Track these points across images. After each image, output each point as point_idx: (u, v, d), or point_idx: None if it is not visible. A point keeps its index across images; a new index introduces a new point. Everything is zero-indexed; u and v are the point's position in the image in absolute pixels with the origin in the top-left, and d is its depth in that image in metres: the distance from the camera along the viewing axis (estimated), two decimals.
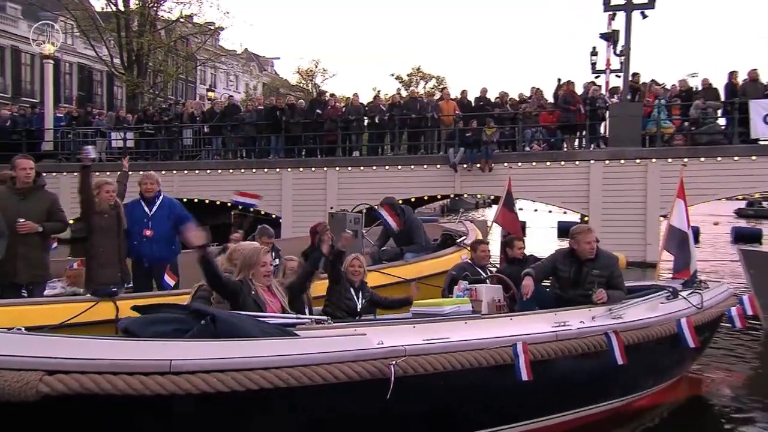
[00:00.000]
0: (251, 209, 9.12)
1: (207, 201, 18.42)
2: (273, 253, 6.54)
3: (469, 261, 6.67)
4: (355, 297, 5.68)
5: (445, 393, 4.15)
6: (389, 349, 3.99)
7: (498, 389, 4.36)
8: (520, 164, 16.79)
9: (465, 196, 20.39)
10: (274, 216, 17.94)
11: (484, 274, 6.44)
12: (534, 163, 16.88)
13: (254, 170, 18.04)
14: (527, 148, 17.81)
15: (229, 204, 18.55)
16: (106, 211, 5.87)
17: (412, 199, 17.83)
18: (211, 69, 46.81)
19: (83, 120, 19.68)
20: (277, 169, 17.93)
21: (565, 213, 17.82)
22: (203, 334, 3.49)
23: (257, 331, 3.67)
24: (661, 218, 15.05)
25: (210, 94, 29.09)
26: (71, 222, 6.17)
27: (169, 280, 5.80)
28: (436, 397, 4.12)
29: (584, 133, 17.15)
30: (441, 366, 4.07)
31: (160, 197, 6.48)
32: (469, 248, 7.20)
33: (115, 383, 3.09)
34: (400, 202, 17.21)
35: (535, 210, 16.96)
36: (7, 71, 36.59)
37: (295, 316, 3.98)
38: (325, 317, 4.03)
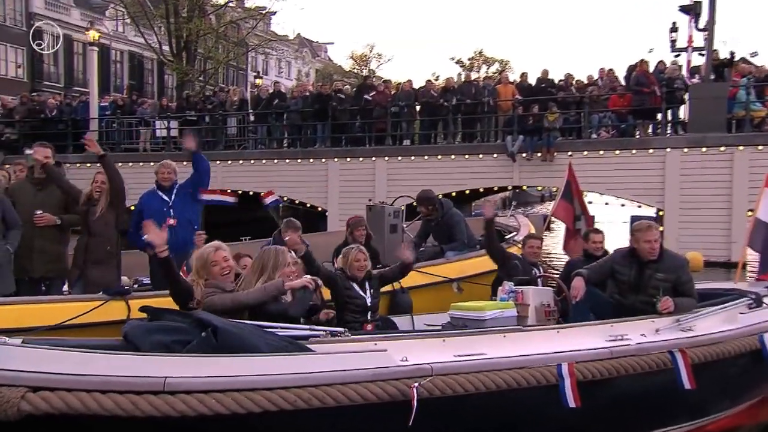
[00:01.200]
0: (279, 205, 8.93)
1: (251, 193, 18.51)
2: None
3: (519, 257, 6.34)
4: (360, 291, 5.36)
5: (479, 419, 3.86)
6: (413, 367, 3.72)
7: (540, 415, 4.03)
8: (585, 153, 16.15)
9: (524, 188, 19.78)
10: (319, 209, 17.93)
11: (536, 273, 6.13)
12: (602, 152, 16.18)
13: (299, 160, 18.07)
14: (594, 136, 17.10)
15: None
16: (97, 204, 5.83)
17: (467, 192, 17.47)
18: (263, 55, 47.42)
19: (128, 109, 20.16)
20: (323, 159, 17.88)
21: (639, 207, 16.98)
22: (203, 348, 3.32)
23: (264, 345, 3.47)
24: (749, 213, 14.08)
25: (258, 80, 29.39)
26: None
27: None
28: (468, 423, 3.83)
29: (660, 117, 16.25)
30: (473, 388, 3.77)
31: (176, 185, 6.41)
32: (519, 245, 6.85)
33: (103, 403, 2.95)
34: (453, 194, 17.25)
35: (606, 203, 16.27)
36: (60, 60, 38.09)
37: (308, 327, 3.76)
38: (341, 329, 3.79)
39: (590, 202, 13.15)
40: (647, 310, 5.00)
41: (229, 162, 18.39)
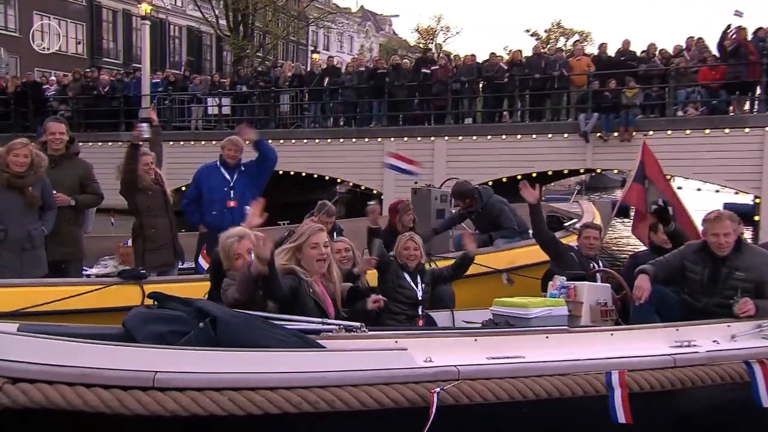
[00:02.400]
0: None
1: (303, 174, 18.62)
2: (335, 234, 6.26)
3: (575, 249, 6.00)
4: (412, 283, 5.23)
5: (512, 431, 3.59)
6: (438, 369, 3.50)
7: (585, 431, 3.72)
8: (669, 133, 15.34)
9: (599, 171, 19.03)
10: (375, 191, 17.80)
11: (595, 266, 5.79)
12: (689, 131, 15.32)
13: (354, 140, 17.95)
14: (680, 113, 16.17)
15: (327, 178, 18.78)
16: (149, 188, 5.79)
17: (534, 175, 16.87)
18: (324, 30, 47.60)
19: (180, 85, 20.55)
20: (379, 139, 17.66)
21: (736, 194, 15.98)
22: (200, 340, 3.20)
23: (270, 338, 3.31)
24: None
25: (314, 56, 29.44)
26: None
27: (204, 263, 5.62)
28: None
29: (758, 92, 15.18)
30: (506, 395, 3.52)
31: (241, 164, 6.45)
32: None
33: (87, 398, 2.86)
34: (519, 177, 16.65)
35: (698, 189, 15.26)
36: (119, 36, 39.39)
37: (320, 321, 3.58)
38: (357, 324, 3.59)
39: (679, 188, 12.40)
40: (723, 313, 4.65)
41: (281, 141, 18.38)
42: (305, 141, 18.34)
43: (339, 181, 16.79)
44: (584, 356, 3.86)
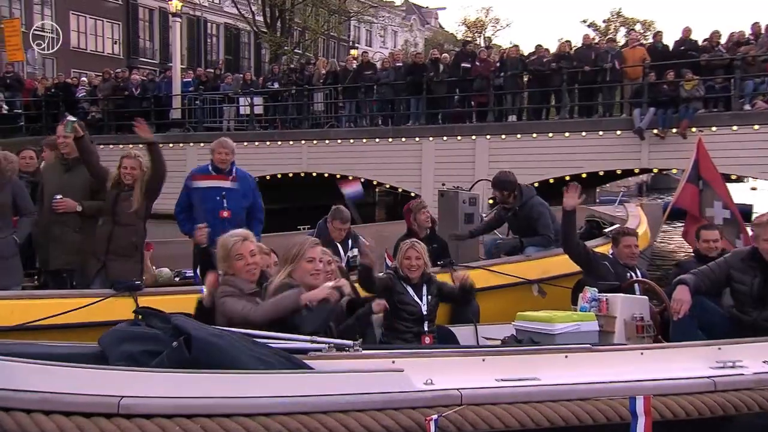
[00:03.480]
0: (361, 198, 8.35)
1: (338, 176, 18.55)
2: (350, 241, 6.12)
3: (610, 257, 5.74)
4: (416, 296, 4.98)
5: None
6: (438, 392, 3.33)
7: None
8: (735, 128, 14.77)
9: (656, 171, 18.44)
10: (413, 194, 17.64)
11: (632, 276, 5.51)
12: (757, 126, 14.69)
13: (390, 139, 17.85)
14: (747, 106, 15.51)
15: (362, 180, 18.67)
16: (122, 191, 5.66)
17: (583, 176, 16.47)
18: (366, 25, 47.68)
19: (212, 84, 20.80)
20: (417, 138, 17.54)
21: None
22: (173, 362, 3.09)
23: (250, 359, 3.19)
24: None
25: (353, 51, 29.44)
26: None
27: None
28: None
29: None
30: (516, 422, 3.32)
31: (234, 169, 6.26)
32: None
33: (45, 426, 2.78)
34: (567, 178, 16.27)
35: (753, 188, 14.55)
36: (156, 35, 40.26)
37: (309, 338, 3.44)
38: (350, 342, 3.44)
39: (753, 189, 11.84)
40: None
41: (315, 141, 18.52)
42: (339, 141, 18.33)
43: (338, 176, 16.30)
44: (608, 378, 3.64)
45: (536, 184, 14.92)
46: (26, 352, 3.16)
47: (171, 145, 19.65)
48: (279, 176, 18.81)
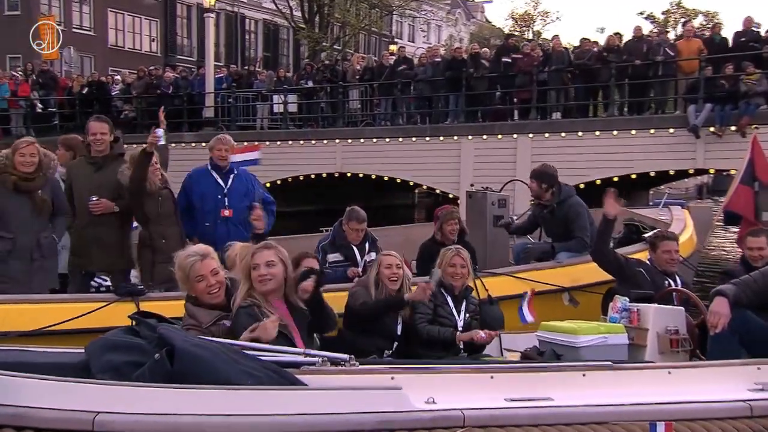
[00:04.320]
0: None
1: (373, 177, 18.55)
2: (368, 244, 6.03)
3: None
4: (454, 309, 4.87)
5: None
6: (438, 413, 3.17)
7: None
8: None
9: (712, 171, 17.88)
10: (451, 195, 17.48)
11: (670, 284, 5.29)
12: None
13: (427, 138, 17.75)
14: None
15: (398, 181, 18.62)
16: (158, 192, 5.73)
17: (633, 177, 16.14)
18: (409, 20, 47.61)
19: (246, 82, 20.97)
20: (455, 137, 17.40)
21: None
22: (155, 375, 3.02)
23: (238, 373, 3.10)
24: None
25: (392, 47, 29.37)
26: None
27: None
28: None
29: None
30: None
31: (234, 167, 6.26)
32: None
33: None
34: (615, 179, 15.92)
35: None
36: (194, 32, 40.90)
37: (302, 351, 3.34)
38: (346, 356, 3.32)
39: None
40: None
41: (349, 141, 18.50)
42: (375, 140, 18.31)
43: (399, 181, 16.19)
44: (629, 400, 3.42)
45: (582, 186, 14.77)
46: (6, 362, 3.13)
47: (203, 144, 19.85)
48: (312, 176, 18.86)
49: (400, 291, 4.77)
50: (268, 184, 19.32)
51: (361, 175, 18.39)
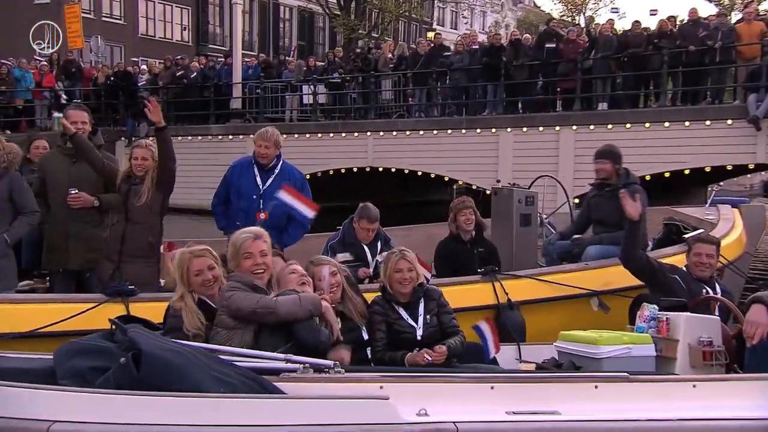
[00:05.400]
0: None
1: (407, 171, 18.41)
2: (380, 244, 5.93)
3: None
4: (410, 318, 4.49)
5: None
6: (429, 425, 3.08)
7: None
8: None
9: None
10: (488, 192, 17.25)
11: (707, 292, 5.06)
12: None
13: (464, 131, 17.56)
14: None
15: (432, 176, 18.44)
16: (121, 186, 5.61)
17: (686, 172, 15.70)
18: (452, 5, 47.21)
19: (276, 71, 21.02)
20: (493, 129, 17.17)
21: None
22: (120, 381, 2.96)
23: (210, 380, 3.02)
24: None
25: (429, 34, 29.16)
26: None
27: None
28: None
29: None
30: None
31: (279, 164, 6.03)
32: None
33: None
34: (667, 175, 15.55)
35: None
36: (226, 20, 41.21)
37: (283, 356, 3.24)
38: (330, 362, 3.22)
39: None
40: None
41: (381, 133, 18.40)
42: (408, 133, 18.19)
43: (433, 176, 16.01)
44: (645, 416, 3.28)
45: None
46: None
47: (231, 136, 20.04)
48: (342, 171, 18.80)
49: (342, 301, 4.44)
50: None
51: (393, 170, 18.25)
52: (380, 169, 18.58)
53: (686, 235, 6.55)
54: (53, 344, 4.20)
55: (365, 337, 4.46)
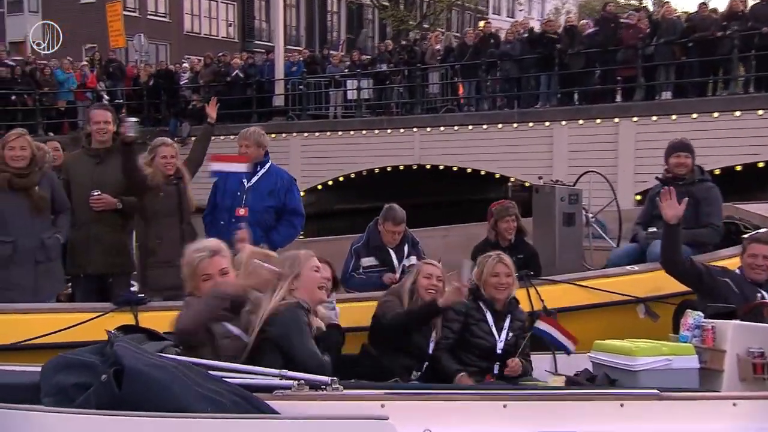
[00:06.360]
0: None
1: (455, 169, 18.26)
2: (407, 247, 5.84)
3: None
4: (494, 327, 4.59)
5: None
6: None
7: None
8: None
9: None
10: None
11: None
12: None
13: (515, 125, 17.35)
14: None
15: (482, 173, 18.22)
16: (160, 188, 5.64)
17: (759, 165, 15.22)
18: None
19: (321, 67, 21.09)
20: (547, 123, 16.91)
21: None
22: (101, 400, 2.89)
23: (197, 398, 2.93)
24: None
25: (481, 23, 28.85)
26: None
27: None
28: None
29: None
30: None
31: (266, 165, 6.13)
32: None
33: None
34: (738, 168, 15.03)
35: None
36: (272, 16, 41.64)
37: (278, 373, 3.15)
38: (327, 379, 3.11)
39: None
40: None
41: (428, 129, 18.31)
42: (456, 128, 18.05)
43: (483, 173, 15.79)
44: None
45: None
46: None
47: (273, 135, 20.08)
48: (389, 169, 18.75)
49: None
50: (341, 178, 19.49)
51: (441, 167, 18.12)
52: (427, 167, 18.48)
53: (746, 235, 6.27)
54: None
55: (431, 348, 4.61)
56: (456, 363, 4.56)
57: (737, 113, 15.10)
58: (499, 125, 17.56)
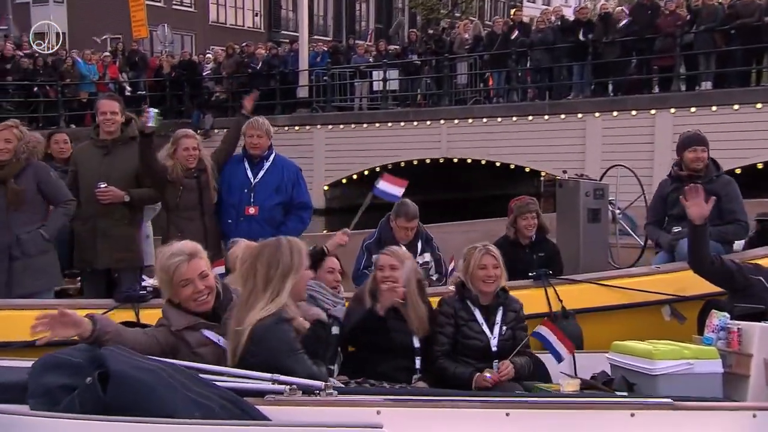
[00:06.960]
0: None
1: (483, 162, 18.13)
2: (420, 244, 5.78)
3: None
4: (485, 324, 4.41)
5: None
6: None
7: None
8: None
9: None
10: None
11: None
12: None
13: (546, 117, 17.20)
14: None
15: (512, 167, 18.06)
16: (180, 181, 5.65)
17: None
18: None
19: (346, 57, 21.06)
20: (579, 115, 16.78)
21: None
22: (85, 404, 2.86)
23: (185, 403, 2.90)
24: None
25: (513, 11, 28.66)
26: None
27: (218, 267, 5.18)
28: None
29: None
30: None
31: (271, 157, 6.06)
32: None
33: None
34: None
35: None
36: (299, 5, 41.65)
37: (270, 376, 3.09)
38: (320, 384, 3.05)
39: None
40: None
41: (456, 121, 18.22)
42: (485, 120, 17.96)
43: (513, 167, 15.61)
44: None
45: (737, 171, 13.72)
46: None
47: (297, 127, 20.21)
48: (415, 162, 18.67)
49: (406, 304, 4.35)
50: (366, 172, 19.43)
51: (469, 161, 18.00)
52: (455, 161, 18.37)
53: None
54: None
55: (416, 344, 4.38)
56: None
57: None
58: (530, 117, 17.44)
